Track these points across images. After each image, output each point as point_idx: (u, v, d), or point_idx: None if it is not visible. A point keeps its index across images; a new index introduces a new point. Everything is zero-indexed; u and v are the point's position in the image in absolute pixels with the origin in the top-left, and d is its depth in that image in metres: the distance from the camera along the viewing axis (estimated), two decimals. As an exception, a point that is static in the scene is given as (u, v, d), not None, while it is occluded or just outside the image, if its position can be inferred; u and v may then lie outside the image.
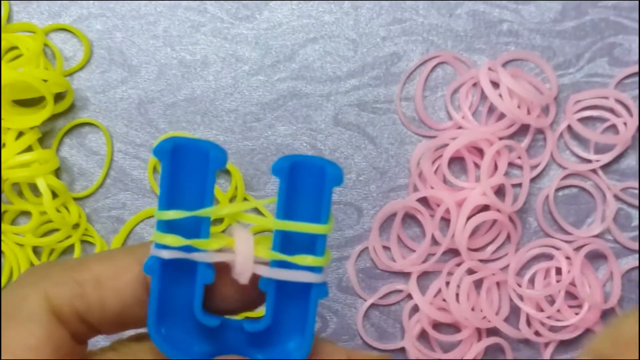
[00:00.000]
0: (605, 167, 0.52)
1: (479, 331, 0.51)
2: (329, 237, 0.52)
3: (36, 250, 0.52)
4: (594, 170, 0.52)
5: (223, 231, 0.28)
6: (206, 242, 0.26)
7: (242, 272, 0.26)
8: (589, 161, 0.52)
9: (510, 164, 0.52)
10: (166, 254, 0.26)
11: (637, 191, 0.52)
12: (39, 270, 0.28)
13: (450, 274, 0.51)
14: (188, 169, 0.27)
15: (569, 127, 0.52)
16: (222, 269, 0.27)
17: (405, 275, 0.52)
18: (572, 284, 0.51)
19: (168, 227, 0.26)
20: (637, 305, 0.52)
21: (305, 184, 0.27)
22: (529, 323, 0.51)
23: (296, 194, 0.27)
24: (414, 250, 0.52)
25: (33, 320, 0.26)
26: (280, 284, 0.27)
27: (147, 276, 0.27)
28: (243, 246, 0.26)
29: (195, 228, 0.27)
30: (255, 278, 0.27)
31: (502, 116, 0.52)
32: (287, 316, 0.28)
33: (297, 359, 0.27)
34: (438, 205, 0.51)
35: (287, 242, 0.27)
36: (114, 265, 0.28)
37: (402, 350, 0.52)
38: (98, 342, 0.52)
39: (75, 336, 0.28)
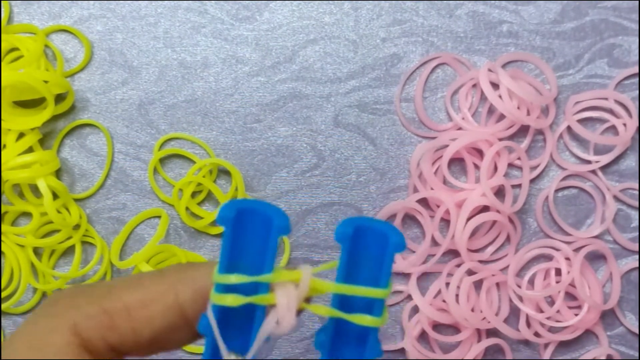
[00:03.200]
0: (604, 168, 0.52)
1: (478, 332, 0.51)
2: (329, 239, 0.52)
3: (37, 251, 0.52)
4: (593, 171, 0.52)
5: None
6: (266, 297, 0.27)
7: (282, 323, 0.27)
8: (589, 162, 0.52)
9: (510, 165, 0.52)
10: (230, 300, 0.26)
11: (636, 192, 0.52)
12: (65, 300, 0.27)
13: (450, 274, 0.51)
14: (250, 234, 0.27)
15: (569, 128, 0.52)
16: None
17: (405, 276, 0.52)
18: (572, 284, 0.51)
19: (226, 288, 0.27)
20: (636, 305, 0.52)
21: (367, 249, 0.27)
22: (528, 324, 0.51)
23: (357, 258, 0.27)
24: (414, 251, 0.52)
25: (62, 354, 0.25)
26: (334, 346, 0.28)
27: (180, 302, 0.27)
28: (284, 300, 0.26)
29: (252, 288, 0.27)
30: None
31: (501, 117, 0.52)
32: None
33: None
34: (438, 206, 0.51)
35: (345, 300, 0.27)
36: (144, 293, 0.27)
37: (402, 351, 0.52)
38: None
39: None
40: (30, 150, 0.51)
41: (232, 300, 0.26)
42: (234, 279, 0.26)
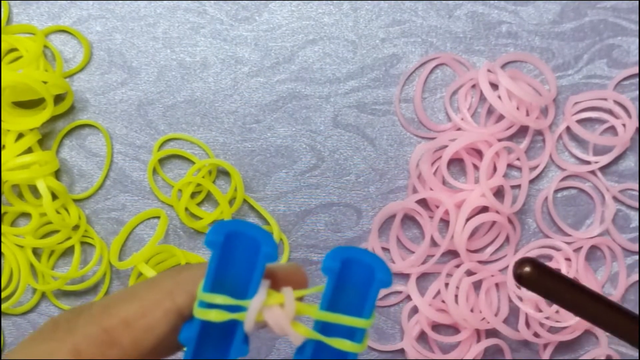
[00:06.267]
0: (604, 168, 0.52)
1: (478, 332, 0.51)
2: (328, 240, 0.52)
3: (36, 252, 0.52)
4: (592, 172, 0.52)
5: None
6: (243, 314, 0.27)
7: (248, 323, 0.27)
8: (588, 163, 0.52)
9: (509, 166, 0.52)
10: (213, 316, 0.27)
11: (636, 192, 0.52)
12: (63, 323, 0.27)
13: (449, 275, 0.51)
14: (237, 256, 0.27)
15: (568, 129, 0.52)
16: None
17: (405, 276, 0.52)
18: (571, 285, 0.51)
19: (210, 304, 0.27)
20: (636, 305, 0.52)
21: (353, 280, 0.28)
22: (528, 324, 0.51)
23: (343, 287, 0.28)
24: (413, 252, 0.52)
25: None
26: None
27: (178, 306, 0.27)
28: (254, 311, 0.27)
29: (235, 305, 0.27)
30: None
31: (501, 118, 0.52)
32: None
33: None
34: (437, 207, 0.51)
35: (328, 323, 0.28)
36: (140, 303, 0.27)
37: (402, 351, 0.52)
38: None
39: None
40: (29, 150, 0.51)
41: (216, 315, 0.27)
42: (219, 299, 0.27)
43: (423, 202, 0.52)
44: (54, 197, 0.50)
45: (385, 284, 0.27)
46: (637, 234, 0.52)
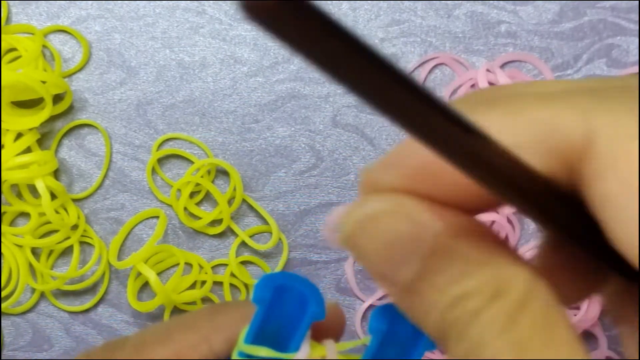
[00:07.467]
0: (603, 168, 0.52)
1: (477, 332, 0.51)
2: (326, 239, 0.52)
3: (35, 252, 0.52)
4: (592, 172, 0.52)
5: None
6: None
7: None
8: (587, 162, 0.52)
9: (509, 165, 0.52)
10: None
11: (635, 192, 0.52)
12: None
13: (448, 275, 0.51)
14: (283, 310, 0.27)
15: (567, 128, 0.52)
16: None
17: (404, 276, 0.52)
18: (570, 285, 0.51)
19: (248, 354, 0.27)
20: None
21: (397, 337, 0.28)
22: (527, 324, 0.51)
23: (386, 344, 0.28)
24: (413, 251, 0.52)
25: None
26: None
27: (214, 351, 0.27)
28: None
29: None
30: None
31: (500, 117, 0.52)
32: None
33: None
34: (436, 207, 0.51)
35: None
36: (175, 346, 0.27)
37: (401, 351, 0.52)
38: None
39: None
40: (28, 150, 0.51)
41: None
42: (261, 352, 0.26)
43: (422, 202, 0.52)
44: (53, 196, 0.50)
45: (431, 347, 0.27)
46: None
